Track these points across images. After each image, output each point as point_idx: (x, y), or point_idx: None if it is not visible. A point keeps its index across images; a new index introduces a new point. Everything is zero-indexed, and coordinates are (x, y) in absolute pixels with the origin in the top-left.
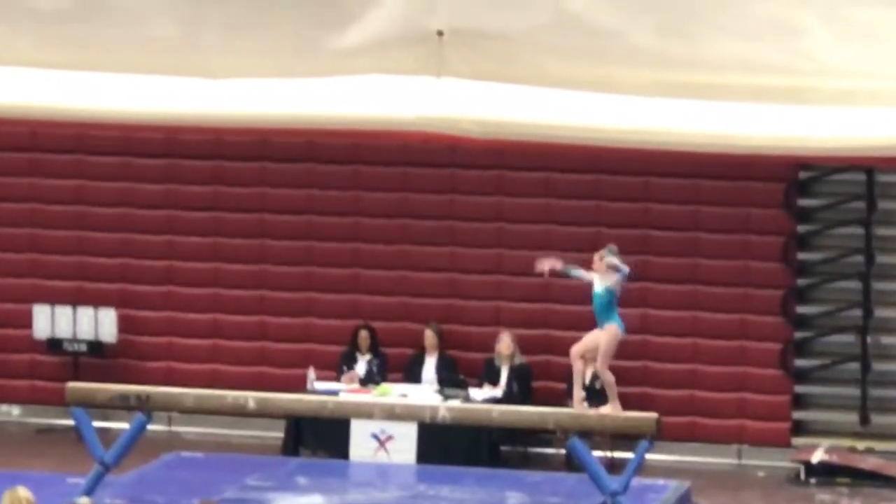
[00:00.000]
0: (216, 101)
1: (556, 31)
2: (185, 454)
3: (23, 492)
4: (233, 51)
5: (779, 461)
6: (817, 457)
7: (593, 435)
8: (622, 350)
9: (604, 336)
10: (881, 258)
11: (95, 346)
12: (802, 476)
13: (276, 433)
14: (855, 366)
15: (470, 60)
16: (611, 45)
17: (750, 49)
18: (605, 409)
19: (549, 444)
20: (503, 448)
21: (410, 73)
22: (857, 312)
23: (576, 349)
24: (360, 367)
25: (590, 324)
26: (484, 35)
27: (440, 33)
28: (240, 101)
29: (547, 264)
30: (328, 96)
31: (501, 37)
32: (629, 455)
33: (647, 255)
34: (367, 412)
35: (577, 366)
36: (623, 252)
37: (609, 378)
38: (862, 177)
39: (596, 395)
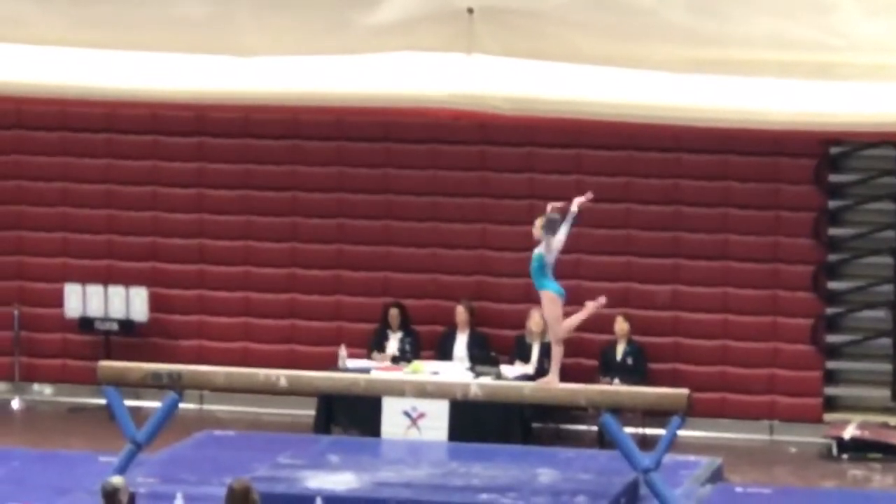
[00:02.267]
0: (247, 79)
1: (588, 7)
2: (217, 433)
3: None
4: (264, 29)
5: (810, 437)
6: (849, 432)
7: (625, 411)
8: (653, 326)
9: (542, 307)
10: None
11: (127, 325)
12: (834, 452)
13: (308, 411)
14: (886, 341)
15: (500, 37)
16: (643, 22)
17: (781, 26)
18: (543, 380)
19: (580, 420)
20: (535, 425)
21: (441, 50)
22: (889, 288)
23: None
24: (392, 345)
25: (620, 300)
26: (514, 12)
27: (470, 10)
28: (271, 79)
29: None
30: (359, 74)
31: (532, 13)
32: (661, 431)
33: (677, 231)
34: (398, 390)
35: (557, 350)
36: (654, 228)
37: (557, 350)
38: (893, 152)
39: (625, 371)
